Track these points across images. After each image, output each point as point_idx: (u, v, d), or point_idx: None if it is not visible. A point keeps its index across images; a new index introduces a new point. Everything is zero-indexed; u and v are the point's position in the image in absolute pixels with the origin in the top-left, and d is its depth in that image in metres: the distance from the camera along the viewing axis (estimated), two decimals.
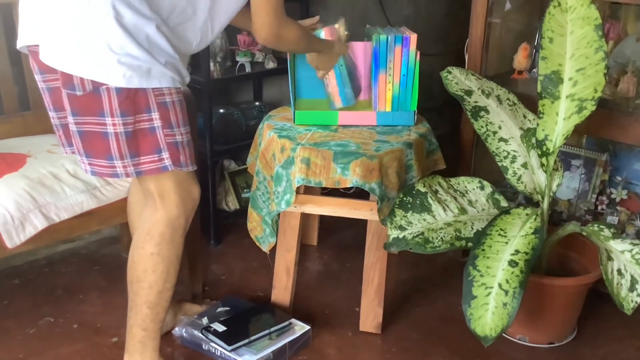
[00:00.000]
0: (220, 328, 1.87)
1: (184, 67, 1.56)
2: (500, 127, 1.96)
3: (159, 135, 1.49)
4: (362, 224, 1.97)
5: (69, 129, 1.50)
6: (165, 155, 1.51)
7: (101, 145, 1.47)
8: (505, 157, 1.95)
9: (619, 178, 2.35)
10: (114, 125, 1.45)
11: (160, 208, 1.58)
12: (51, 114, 1.56)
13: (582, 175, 2.38)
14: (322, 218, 2.55)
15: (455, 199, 1.88)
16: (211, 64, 2.34)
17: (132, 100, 1.44)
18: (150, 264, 1.60)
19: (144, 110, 1.46)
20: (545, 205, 1.89)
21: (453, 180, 1.92)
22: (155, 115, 1.48)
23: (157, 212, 1.59)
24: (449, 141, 2.60)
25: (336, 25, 1.98)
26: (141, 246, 1.60)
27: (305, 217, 2.35)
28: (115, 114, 1.44)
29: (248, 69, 2.49)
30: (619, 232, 1.79)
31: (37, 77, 1.51)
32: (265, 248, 2.02)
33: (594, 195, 2.36)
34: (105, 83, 1.41)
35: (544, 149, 1.82)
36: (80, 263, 2.36)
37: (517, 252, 1.68)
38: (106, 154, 1.48)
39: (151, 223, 1.59)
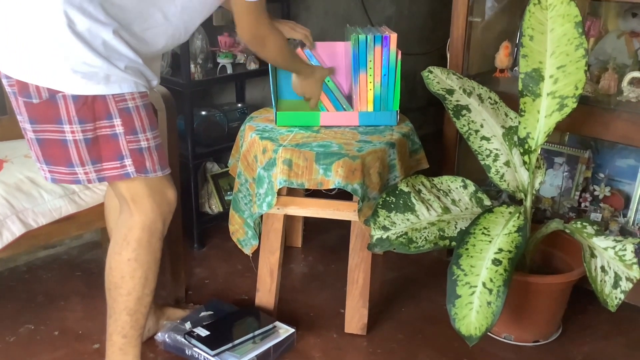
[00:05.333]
0: (204, 332, 1.85)
1: (149, 70, 1.53)
2: (482, 126, 1.96)
3: (121, 142, 1.47)
4: (346, 225, 1.96)
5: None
6: (128, 162, 1.49)
7: (60, 152, 1.45)
8: (488, 156, 1.95)
9: (601, 175, 2.36)
10: (72, 132, 1.42)
11: (135, 213, 1.56)
12: (18, 117, 1.53)
13: (565, 173, 2.38)
14: (307, 220, 2.53)
15: (439, 198, 1.87)
16: (192, 66, 2.32)
17: (90, 107, 1.42)
18: (127, 270, 1.57)
19: (104, 117, 1.44)
20: (528, 203, 1.89)
21: (436, 180, 1.91)
22: (117, 121, 1.45)
23: (132, 217, 1.57)
24: (434, 141, 2.60)
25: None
26: (118, 252, 1.58)
27: (289, 219, 2.33)
28: (73, 122, 1.41)
29: (229, 71, 2.47)
30: (602, 229, 1.79)
31: (4, 82, 1.49)
32: (248, 251, 2.00)
33: (577, 193, 2.36)
34: (61, 90, 1.39)
35: (526, 147, 1.82)
36: (62, 269, 2.33)
37: (500, 250, 1.67)
38: (66, 161, 1.46)
39: (127, 228, 1.57)
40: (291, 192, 1.99)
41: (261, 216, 1.94)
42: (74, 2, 1.35)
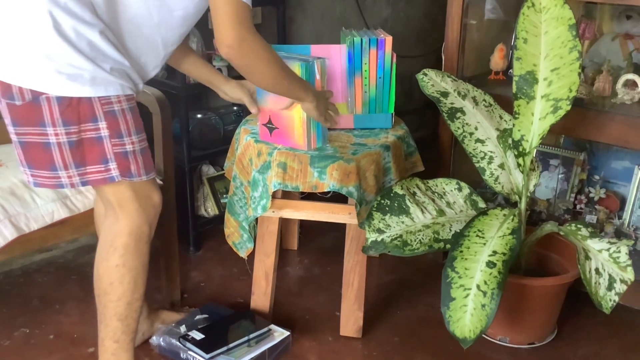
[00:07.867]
0: (199, 336, 1.84)
1: (135, 73, 1.51)
2: (476, 128, 1.96)
3: (106, 145, 1.45)
4: (342, 227, 1.96)
5: None
6: (113, 165, 1.47)
7: (43, 156, 1.43)
8: (482, 158, 1.95)
9: (597, 177, 2.36)
10: (56, 135, 1.41)
11: (121, 218, 1.55)
12: (5, 120, 1.53)
13: (561, 175, 2.38)
14: (303, 222, 2.53)
15: (434, 200, 1.87)
16: None
17: (75, 109, 1.40)
18: (116, 276, 1.56)
19: (89, 120, 1.42)
20: (522, 205, 1.89)
21: (431, 182, 1.91)
22: (102, 124, 1.43)
23: (118, 222, 1.55)
24: (430, 143, 2.60)
25: None
26: (105, 258, 1.57)
27: (285, 222, 2.33)
28: (57, 124, 1.40)
29: (225, 74, 2.46)
30: (597, 231, 1.79)
31: None
32: (243, 254, 2.00)
33: (573, 195, 2.37)
34: (45, 92, 1.37)
35: (520, 149, 1.82)
36: (57, 272, 2.33)
37: (494, 253, 1.67)
38: (49, 164, 1.44)
39: (113, 234, 1.56)
40: (286, 194, 1.98)
41: (256, 219, 1.94)
42: (59, 2, 1.34)
